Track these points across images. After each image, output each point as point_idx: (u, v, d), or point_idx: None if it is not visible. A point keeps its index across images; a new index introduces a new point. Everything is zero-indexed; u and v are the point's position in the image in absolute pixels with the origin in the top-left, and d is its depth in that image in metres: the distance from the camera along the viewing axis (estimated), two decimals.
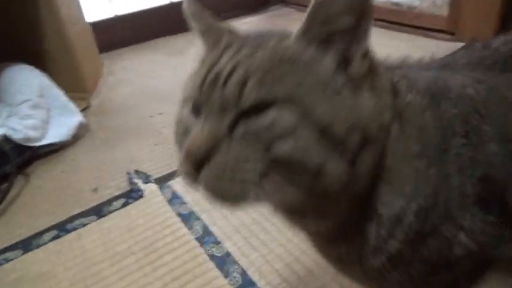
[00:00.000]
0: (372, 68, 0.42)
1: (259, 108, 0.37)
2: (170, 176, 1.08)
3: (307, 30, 0.40)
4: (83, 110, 1.43)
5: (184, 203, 0.98)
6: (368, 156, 0.40)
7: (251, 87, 0.37)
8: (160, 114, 1.42)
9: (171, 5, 2.26)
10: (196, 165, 0.37)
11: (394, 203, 0.43)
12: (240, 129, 0.38)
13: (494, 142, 0.44)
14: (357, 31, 0.39)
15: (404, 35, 1.81)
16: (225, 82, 0.39)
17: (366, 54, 0.41)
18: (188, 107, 0.43)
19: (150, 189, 1.03)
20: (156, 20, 2.22)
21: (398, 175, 0.43)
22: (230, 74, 0.39)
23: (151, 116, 1.42)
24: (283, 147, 0.36)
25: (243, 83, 0.38)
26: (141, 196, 1.01)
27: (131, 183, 1.07)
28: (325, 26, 0.39)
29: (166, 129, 1.32)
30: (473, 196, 0.44)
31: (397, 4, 1.88)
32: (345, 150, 0.38)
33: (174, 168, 1.11)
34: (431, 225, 0.43)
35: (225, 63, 0.40)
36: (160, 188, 1.03)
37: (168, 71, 1.79)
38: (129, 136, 1.31)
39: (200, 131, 0.39)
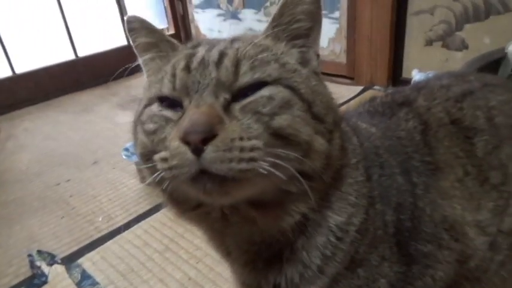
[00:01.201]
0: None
1: (254, 87, 0.41)
2: (80, 253, 0.99)
3: (275, 27, 0.45)
4: None
5: (97, 283, 0.89)
6: (338, 138, 0.45)
7: (246, 69, 0.41)
8: (67, 181, 1.32)
9: (77, 60, 2.17)
10: (202, 141, 0.36)
11: (342, 210, 0.46)
12: (238, 105, 0.40)
13: (399, 174, 0.50)
14: (312, 34, 0.46)
15: None
16: (218, 64, 0.41)
17: (318, 56, 0.48)
18: (156, 104, 0.43)
19: (55, 272, 0.93)
20: (61, 76, 2.11)
21: (345, 183, 0.47)
22: (220, 60, 0.42)
23: (58, 184, 1.30)
24: (283, 120, 0.39)
25: (236, 65, 0.41)
26: (45, 282, 0.91)
27: (33, 267, 0.95)
28: (290, 25, 0.45)
29: (74, 198, 1.22)
30: (392, 226, 0.48)
31: None
32: (325, 128, 0.42)
33: (85, 243, 1.04)
34: (364, 252, 0.46)
35: (207, 53, 0.43)
36: (68, 269, 0.93)
37: (75, 131, 1.68)
38: (30, 210, 1.18)
39: (198, 110, 0.39)
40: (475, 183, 0.53)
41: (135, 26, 0.50)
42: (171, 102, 0.42)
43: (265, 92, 0.40)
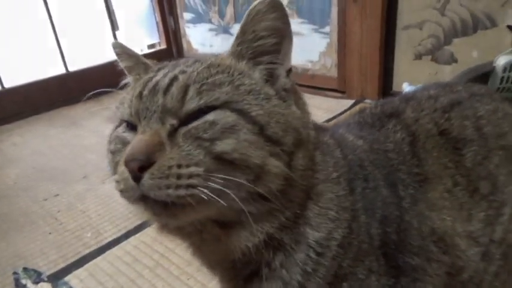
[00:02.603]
0: (294, 90, 0.48)
1: (200, 112, 0.41)
2: (67, 270, 0.96)
3: (239, 45, 0.45)
4: None
5: None
6: (301, 159, 0.44)
7: (192, 94, 0.41)
8: (55, 196, 1.29)
9: (67, 74, 2.16)
10: (139, 169, 0.37)
11: (322, 225, 0.46)
12: (182, 131, 0.40)
13: (384, 187, 0.50)
14: (280, 51, 0.46)
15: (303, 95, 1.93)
16: (166, 91, 0.42)
17: (290, 72, 0.47)
18: (123, 125, 0.45)
19: None
20: (51, 90, 2.09)
21: (324, 198, 0.47)
22: (170, 84, 0.42)
23: (46, 199, 1.28)
24: (226, 144, 0.39)
25: (184, 91, 0.41)
26: None
27: (18, 285, 0.92)
28: (253, 43, 0.45)
29: (62, 213, 1.19)
30: (378, 239, 0.47)
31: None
32: (283, 150, 0.42)
33: (73, 259, 1.01)
34: (348, 265, 0.46)
35: (162, 77, 0.44)
36: (55, 287, 0.91)
37: (64, 146, 1.66)
38: (17, 226, 1.15)
39: (141, 136, 0.40)
40: (465, 193, 0.53)
41: (118, 52, 0.53)
42: (132, 126, 0.44)
43: (209, 116, 0.40)
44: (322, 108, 1.75)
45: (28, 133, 1.83)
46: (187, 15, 2.43)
